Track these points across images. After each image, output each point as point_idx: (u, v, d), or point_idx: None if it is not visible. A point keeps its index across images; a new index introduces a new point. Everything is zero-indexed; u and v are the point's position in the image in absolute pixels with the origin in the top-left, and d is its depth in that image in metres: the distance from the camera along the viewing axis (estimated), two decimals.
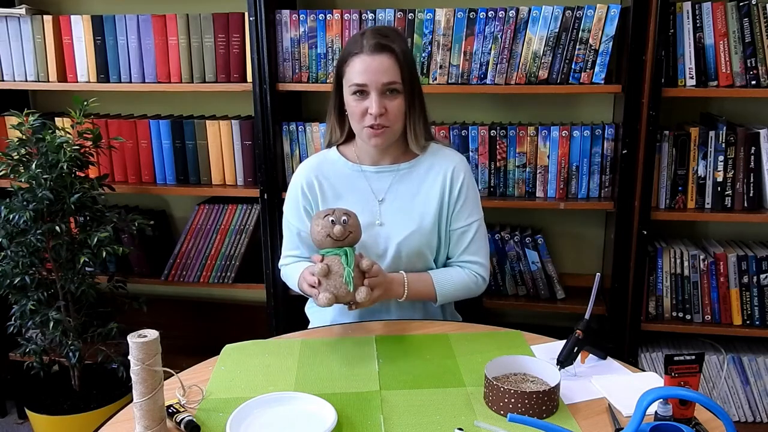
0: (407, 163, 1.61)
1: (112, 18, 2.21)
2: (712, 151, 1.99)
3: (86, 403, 2.15)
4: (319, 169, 1.63)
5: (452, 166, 1.61)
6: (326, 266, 1.34)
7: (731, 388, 2.15)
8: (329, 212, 1.39)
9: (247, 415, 1.13)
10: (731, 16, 1.90)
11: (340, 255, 1.35)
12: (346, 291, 1.34)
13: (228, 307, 2.63)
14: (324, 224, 1.37)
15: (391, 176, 1.61)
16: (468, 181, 1.62)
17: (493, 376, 1.20)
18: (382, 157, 1.61)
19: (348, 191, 1.61)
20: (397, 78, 1.49)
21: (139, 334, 1.04)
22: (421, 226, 1.58)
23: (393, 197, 1.60)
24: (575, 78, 2.00)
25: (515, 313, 2.40)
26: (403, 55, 1.49)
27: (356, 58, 1.49)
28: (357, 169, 1.62)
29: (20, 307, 2.06)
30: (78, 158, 2.06)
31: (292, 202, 1.66)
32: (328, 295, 1.33)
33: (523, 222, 2.35)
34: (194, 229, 2.37)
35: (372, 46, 1.47)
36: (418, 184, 1.60)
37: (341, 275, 1.34)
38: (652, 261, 2.10)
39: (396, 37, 1.53)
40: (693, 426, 1.11)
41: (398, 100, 1.51)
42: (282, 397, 1.19)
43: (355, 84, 1.49)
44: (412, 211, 1.59)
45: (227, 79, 2.20)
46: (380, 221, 1.59)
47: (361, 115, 1.51)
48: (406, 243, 1.57)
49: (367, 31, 1.52)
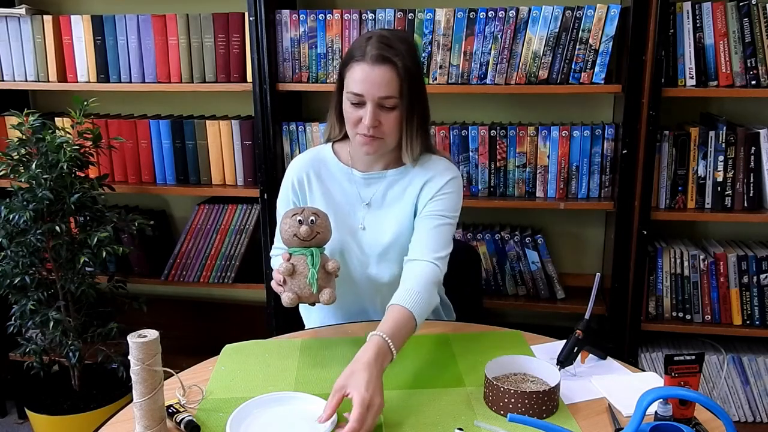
0: (396, 170, 1.58)
1: (112, 18, 2.21)
2: (712, 151, 1.99)
3: (86, 403, 2.15)
4: (311, 166, 1.62)
5: (437, 173, 1.55)
6: (291, 266, 1.33)
7: (731, 388, 2.15)
8: (298, 211, 1.38)
9: (247, 415, 1.13)
10: (731, 16, 1.90)
11: (306, 255, 1.34)
12: (309, 292, 1.32)
13: (228, 307, 2.63)
14: (291, 223, 1.36)
15: (379, 183, 1.58)
16: (451, 183, 1.54)
17: (493, 376, 1.19)
18: (374, 162, 1.58)
19: (336, 192, 1.60)
20: (394, 93, 1.43)
21: (139, 334, 1.04)
22: (401, 231, 1.55)
23: (378, 203, 1.58)
24: (575, 78, 2.00)
25: (515, 313, 2.40)
26: (404, 69, 1.43)
27: (357, 66, 1.43)
28: (347, 172, 1.60)
29: (20, 307, 2.06)
30: (78, 158, 2.06)
31: (284, 196, 1.65)
32: (291, 295, 1.32)
33: (523, 222, 2.35)
34: (194, 229, 2.37)
35: (374, 57, 1.41)
36: (403, 190, 1.57)
37: (306, 276, 1.33)
38: (652, 261, 2.10)
39: (402, 47, 1.45)
40: (693, 426, 1.11)
41: (393, 114, 1.46)
42: (282, 397, 1.19)
43: (351, 92, 1.45)
44: (394, 218, 1.56)
45: (227, 79, 2.20)
46: (363, 226, 1.57)
47: (354, 123, 1.47)
48: (388, 250, 1.55)
49: (374, 36, 1.46)
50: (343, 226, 1.57)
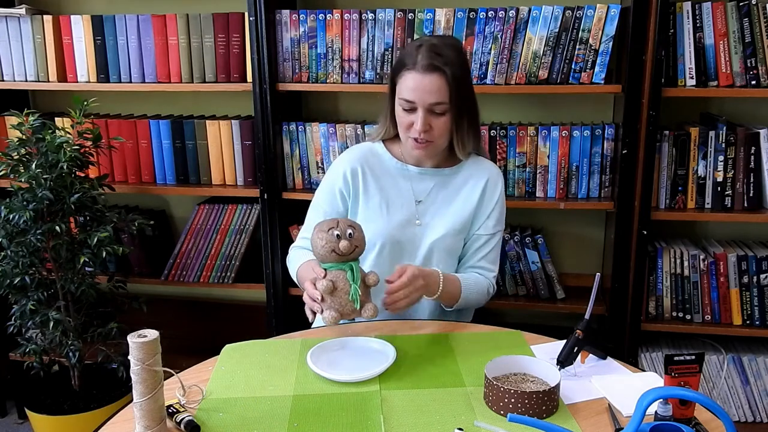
0: (450, 169, 1.66)
1: (112, 18, 2.21)
2: (712, 151, 1.99)
3: (86, 403, 2.15)
4: (365, 159, 1.67)
5: (492, 176, 1.66)
6: (331, 283, 1.28)
7: (731, 388, 2.15)
8: (333, 224, 1.32)
9: (323, 353, 1.32)
10: (731, 16, 1.90)
11: (345, 270, 1.30)
12: (352, 308, 1.28)
13: (228, 307, 2.63)
14: (328, 238, 1.30)
15: (434, 179, 1.66)
16: (503, 192, 1.68)
17: (493, 376, 1.19)
18: (426, 160, 1.66)
19: (390, 187, 1.65)
20: (444, 99, 1.51)
21: (139, 334, 1.04)
22: (454, 229, 1.63)
23: (432, 200, 1.65)
24: (575, 78, 2.00)
25: (515, 313, 2.40)
26: (453, 77, 1.50)
27: (408, 74, 1.51)
28: (401, 168, 1.66)
29: (20, 307, 2.06)
30: (78, 158, 2.05)
31: (328, 185, 1.68)
32: (333, 314, 1.27)
33: (523, 222, 2.35)
34: (194, 229, 2.37)
35: (425, 66, 1.49)
36: (457, 189, 1.65)
37: (347, 292, 1.28)
38: (652, 261, 2.10)
39: (450, 54, 1.52)
40: (693, 426, 1.11)
41: (444, 119, 1.54)
42: (347, 341, 1.38)
43: (403, 99, 1.53)
44: (448, 215, 1.63)
45: (227, 79, 2.20)
46: (419, 221, 1.63)
47: (407, 127, 1.56)
48: (439, 244, 1.61)
49: (425, 44, 1.52)
50: (396, 221, 1.62)
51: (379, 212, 1.63)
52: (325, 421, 1.13)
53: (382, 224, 1.62)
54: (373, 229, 1.59)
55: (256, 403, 1.20)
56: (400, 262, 1.56)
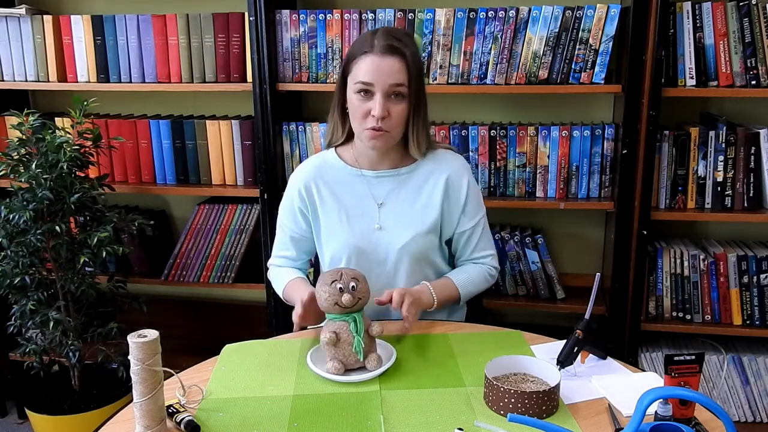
0: (407, 168, 1.60)
1: (112, 18, 2.21)
2: (712, 151, 1.99)
3: (86, 403, 2.15)
4: (318, 173, 1.62)
5: (453, 171, 1.60)
6: (334, 335, 1.27)
7: (731, 388, 2.15)
8: (336, 277, 1.30)
9: (323, 353, 1.30)
10: (731, 16, 1.90)
11: (348, 322, 1.29)
12: (355, 359, 1.28)
13: (228, 307, 2.63)
14: (331, 291, 1.28)
15: (391, 181, 1.60)
16: (470, 182, 1.62)
17: (493, 376, 1.19)
18: (380, 162, 1.59)
19: (347, 195, 1.60)
20: (404, 81, 1.46)
21: (139, 334, 1.04)
22: (421, 231, 1.57)
23: (393, 202, 1.59)
24: (575, 78, 2.00)
25: (515, 313, 2.40)
26: (412, 61, 1.47)
27: (365, 57, 1.46)
28: (357, 173, 1.60)
29: (20, 307, 2.06)
30: (78, 158, 2.05)
31: (288, 203, 1.65)
32: (337, 365, 1.27)
33: (523, 222, 2.35)
34: (194, 229, 2.37)
35: (383, 47, 1.45)
36: (418, 188, 1.59)
37: (350, 343, 1.27)
38: (652, 261, 2.10)
39: (408, 41, 1.51)
40: (693, 426, 1.11)
41: (402, 105, 1.49)
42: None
43: (361, 82, 1.46)
44: (412, 216, 1.58)
45: (227, 79, 2.20)
46: (379, 225, 1.58)
47: (363, 116, 1.49)
48: (407, 248, 1.56)
49: (380, 31, 1.50)
50: (358, 228, 1.58)
51: (339, 224, 1.58)
52: (325, 421, 1.13)
53: (344, 236, 1.57)
54: (336, 243, 1.58)
55: (256, 403, 1.20)
56: (368, 270, 1.49)
